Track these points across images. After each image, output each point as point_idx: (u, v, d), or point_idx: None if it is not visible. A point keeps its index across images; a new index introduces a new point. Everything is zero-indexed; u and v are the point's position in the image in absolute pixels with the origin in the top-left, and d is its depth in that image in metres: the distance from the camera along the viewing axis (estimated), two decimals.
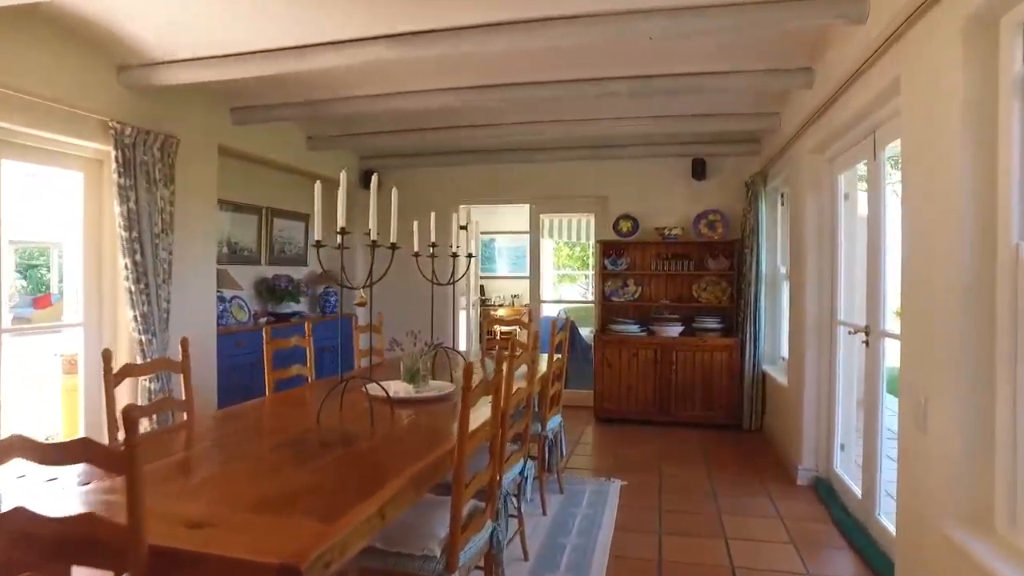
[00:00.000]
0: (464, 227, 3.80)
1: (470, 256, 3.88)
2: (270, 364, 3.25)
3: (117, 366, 2.43)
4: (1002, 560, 1.78)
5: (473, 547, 2.11)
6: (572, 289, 10.27)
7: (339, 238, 2.39)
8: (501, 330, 7.84)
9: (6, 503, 1.45)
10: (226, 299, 5.03)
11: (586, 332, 7.75)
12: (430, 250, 3.41)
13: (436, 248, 3.49)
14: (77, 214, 3.75)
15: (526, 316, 6.33)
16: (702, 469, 4.47)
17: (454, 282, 3.67)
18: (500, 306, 9.75)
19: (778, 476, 4.27)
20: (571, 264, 10.44)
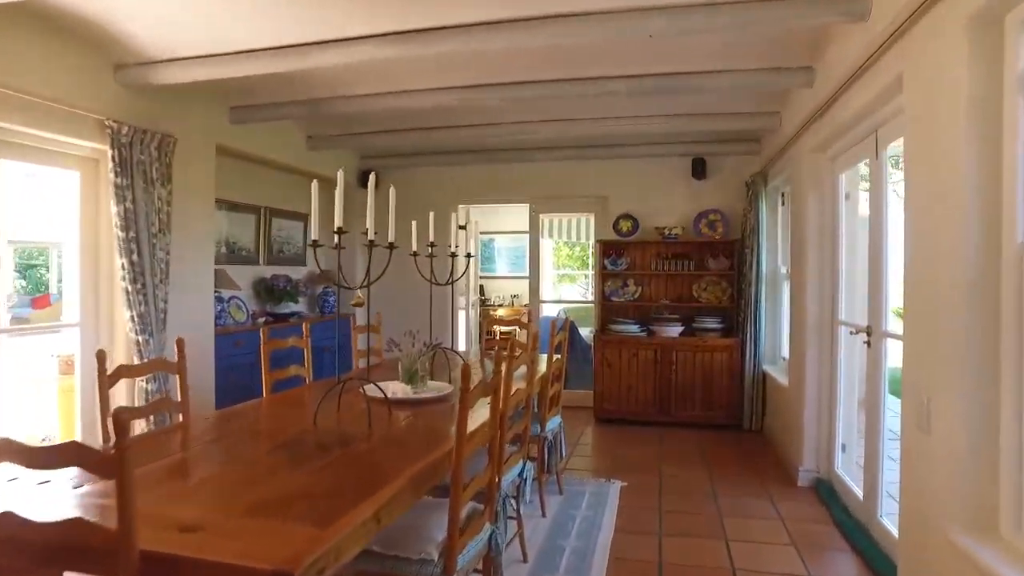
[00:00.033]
0: (463, 227, 3.78)
1: (469, 256, 3.85)
2: (267, 365, 3.23)
3: (114, 366, 2.42)
4: (1008, 565, 1.76)
5: (471, 550, 2.08)
6: (572, 289, 10.24)
7: (336, 238, 2.37)
8: (500, 330, 7.82)
9: None
10: (224, 299, 5.01)
11: (586, 332, 7.72)
12: (429, 250, 3.39)
13: (435, 248, 3.47)
14: (73, 214, 3.72)
15: (525, 316, 6.30)
16: (702, 470, 4.45)
17: (453, 282, 3.65)
18: (500, 306, 9.73)
19: (779, 477, 4.25)
20: (571, 264, 10.41)
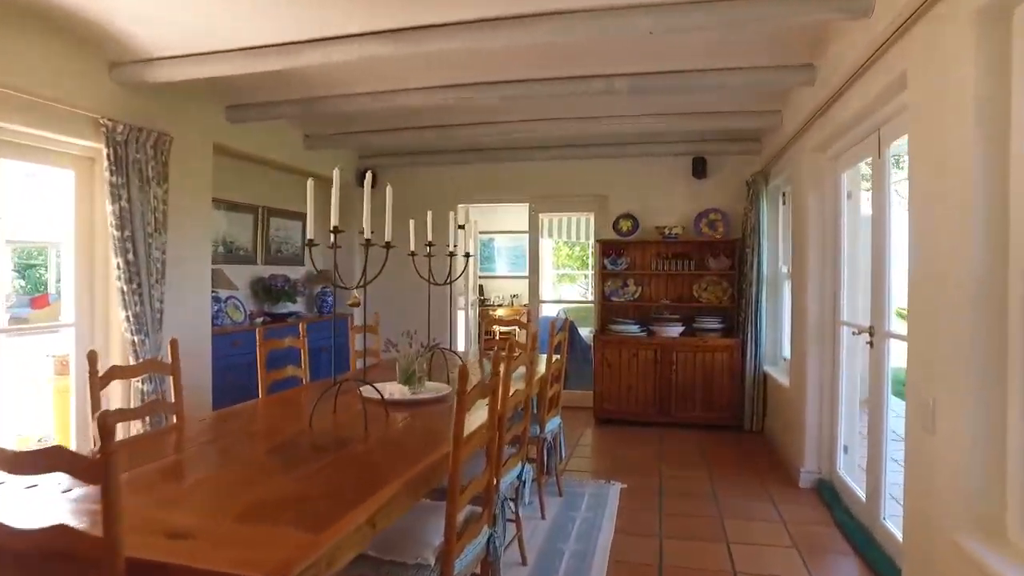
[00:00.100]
0: (462, 226, 3.74)
1: (468, 255, 3.82)
2: (263, 365, 3.19)
3: (110, 367, 2.38)
4: (1015, 569, 1.72)
5: (469, 554, 2.05)
6: (572, 289, 10.20)
7: (332, 237, 2.34)
8: (500, 330, 7.79)
9: None
10: (221, 299, 4.97)
11: (586, 332, 7.69)
12: (427, 249, 3.35)
13: (433, 248, 3.43)
14: (68, 213, 3.68)
15: (525, 316, 6.27)
16: (703, 471, 4.41)
17: (451, 282, 3.61)
18: (499, 306, 9.69)
19: (780, 478, 4.22)
20: (571, 264, 10.37)
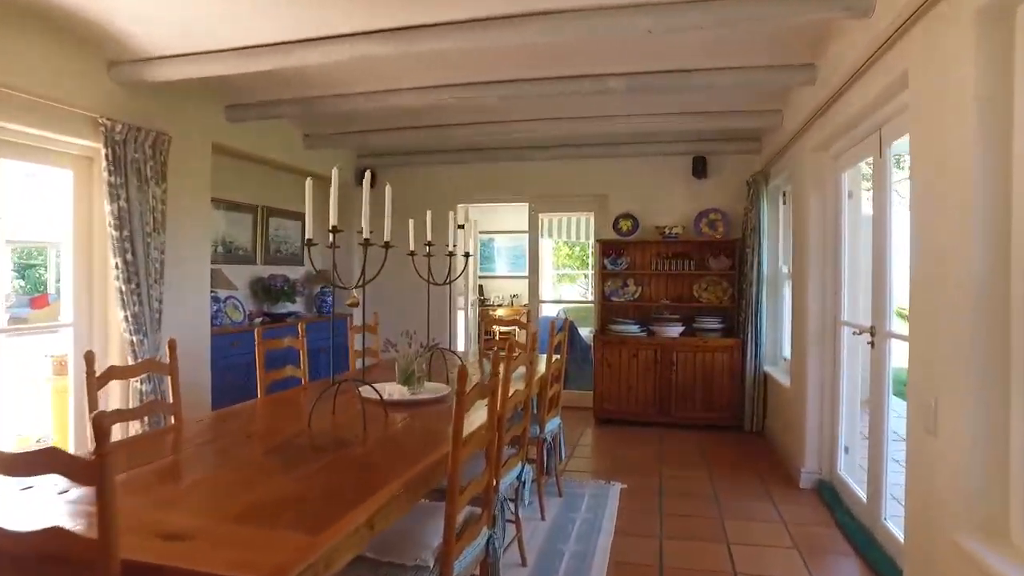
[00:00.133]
0: (461, 226, 3.73)
1: (467, 255, 3.80)
2: (262, 365, 3.18)
3: (107, 367, 2.37)
4: (1018, 571, 1.71)
5: (468, 556, 2.04)
6: (571, 289, 10.19)
7: (331, 236, 2.33)
8: (500, 330, 7.78)
9: None
10: (221, 299, 4.96)
11: (585, 332, 7.68)
12: (426, 249, 3.34)
13: (433, 247, 3.42)
14: (67, 212, 3.67)
15: (525, 316, 6.26)
16: (703, 471, 4.40)
17: (450, 281, 3.60)
18: (499, 306, 9.68)
19: (780, 479, 4.20)
20: (570, 264, 10.35)
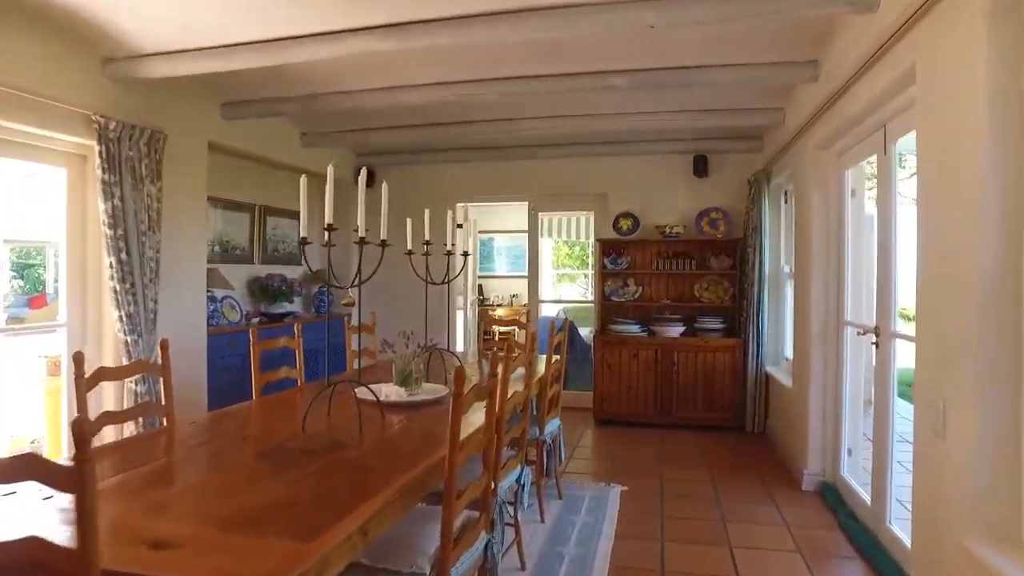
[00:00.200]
0: (460, 225, 3.69)
1: (466, 255, 3.76)
2: (257, 366, 3.13)
3: (97, 368, 2.33)
4: None
5: (466, 561, 1.99)
6: (571, 289, 10.14)
7: (326, 235, 2.29)
8: (499, 330, 7.73)
9: None
10: (217, 299, 4.91)
11: (585, 332, 7.63)
12: (424, 248, 3.29)
13: (431, 246, 3.37)
14: (60, 211, 3.63)
15: (524, 316, 6.21)
16: (704, 473, 4.36)
17: (448, 281, 3.56)
18: (498, 306, 9.63)
19: (783, 481, 4.16)
20: (570, 263, 10.31)
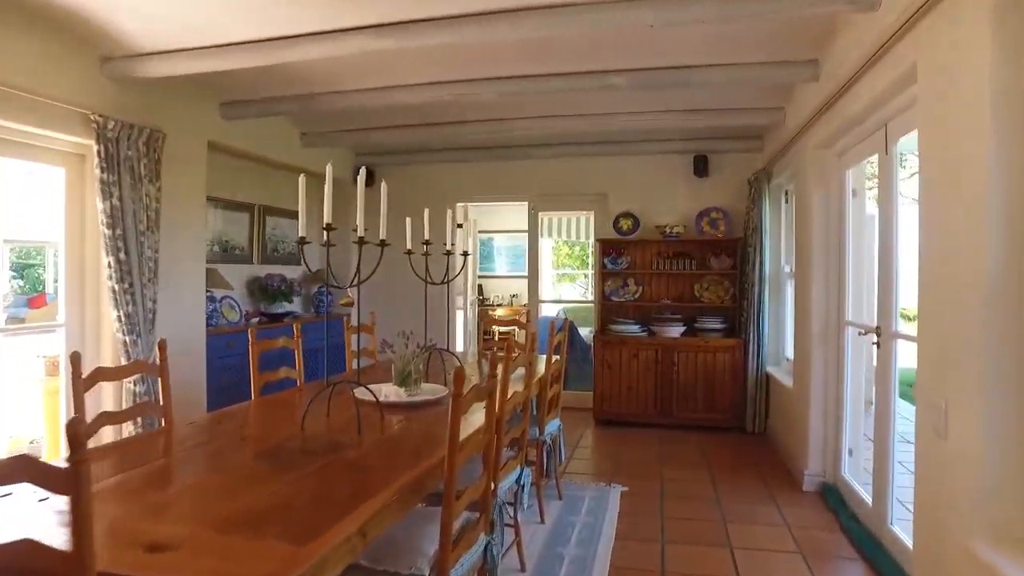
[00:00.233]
0: (460, 225, 3.68)
1: (465, 254, 3.75)
2: (256, 366, 3.12)
3: (94, 368, 2.31)
4: None
5: (465, 563, 1.98)
6: (571, 289, 10.13)
7: (325, 235, 2.27)
8: (499, 330, 7.72)
9: None
10: (216, 299, 4.90)
11: (585, 332, 7.62)
12: (424, 248, 3.28)
13: (431, 246, 3.36)
14: (58, 210, 3.61)
15: (524, 316, 6.20)
16: (705, 473, 4.34)
17: (448, 281, 3.54)
18: (498, 306, 9.62)
19: (783, 481, 4.14)
20: (570, 263, 10.29)
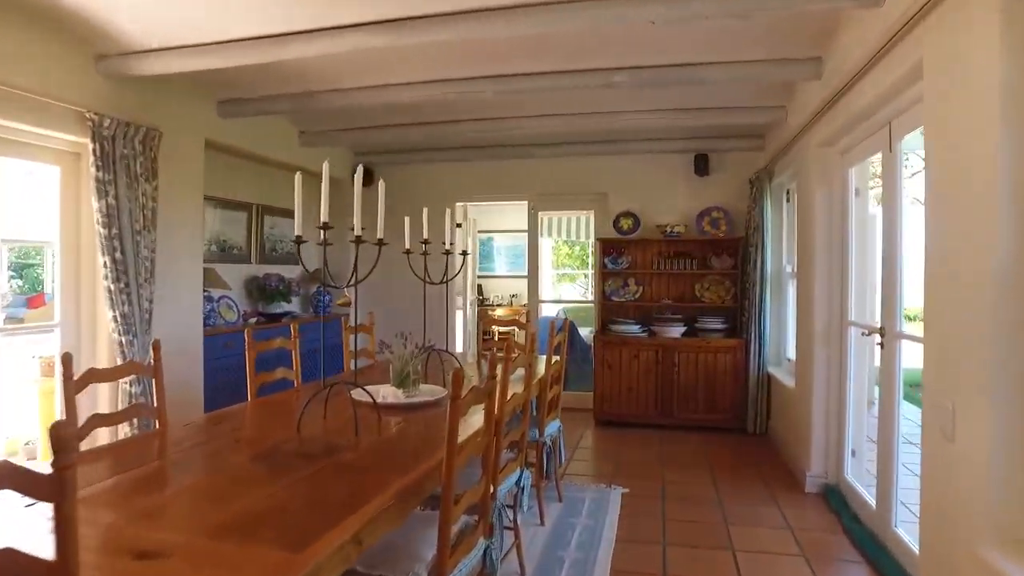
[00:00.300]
0: (459, 225, 3.64)
1: (465, 254, 3.71)
2: (252, 367, 3.08)
3: (87, 369, 2.28)
4: None
5: (464, 568, 1.94)
6: (571, 289, 10.09)
7: (321, 234, 2.24)
8: (498, 331, 7.68)
9: None
10: (214, 299, 4.86)
11: (585, 332, 7.58)
12: (423, 247, 3.25)
13: (430, 246, 3.33)
14: (53, 209, 3.58)
15: (524, 316, 6.16)
16: (706, 475, 4.31)
17: (447, 281, 3.51)
18: (498, 306, 9.59)
19: (785, 483, 4.11)
20: (570, 263, 10.26)
